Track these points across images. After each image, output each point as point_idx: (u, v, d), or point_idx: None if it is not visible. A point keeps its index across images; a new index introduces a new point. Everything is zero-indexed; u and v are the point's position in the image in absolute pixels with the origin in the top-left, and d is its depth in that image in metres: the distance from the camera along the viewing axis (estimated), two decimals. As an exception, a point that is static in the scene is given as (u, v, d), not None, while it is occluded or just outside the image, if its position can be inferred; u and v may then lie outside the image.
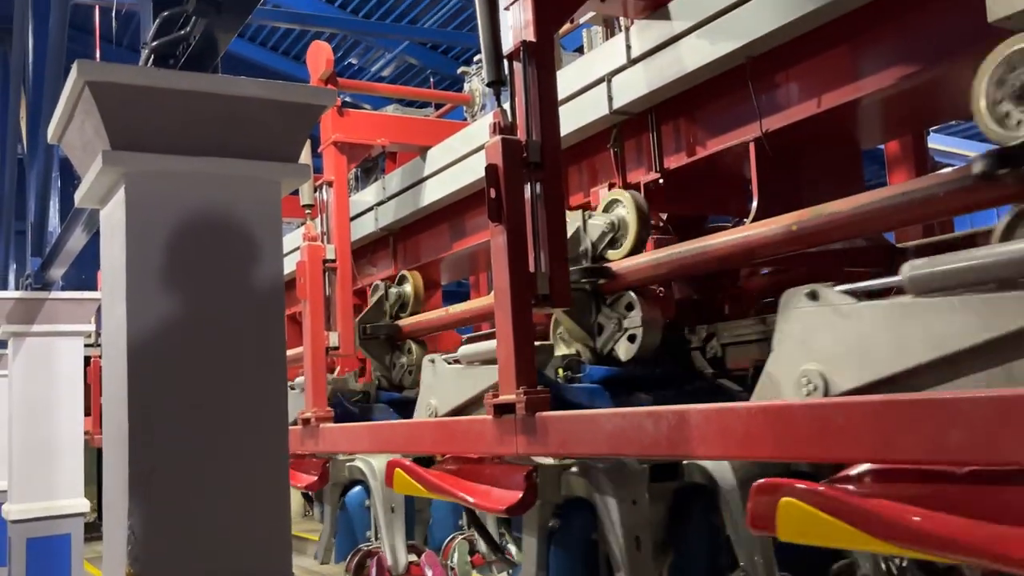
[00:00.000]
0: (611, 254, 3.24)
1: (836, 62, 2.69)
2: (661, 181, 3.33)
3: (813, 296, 2.15)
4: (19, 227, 8.13)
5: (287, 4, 15.19)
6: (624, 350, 3.16)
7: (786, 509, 1.94)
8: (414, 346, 5.03)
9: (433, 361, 3.82)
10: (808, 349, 2.13)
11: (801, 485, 1.96)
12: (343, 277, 4.91)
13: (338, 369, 5.51)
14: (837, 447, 1.84)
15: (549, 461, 3.22)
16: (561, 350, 3.36)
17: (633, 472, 3.05)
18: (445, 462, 3.57)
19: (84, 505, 7.05)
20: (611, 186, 3.52)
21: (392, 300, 5.11)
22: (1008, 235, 2.02)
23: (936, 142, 9.71)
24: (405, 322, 5.02)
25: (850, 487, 1.89)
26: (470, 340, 3.97)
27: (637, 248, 3.19)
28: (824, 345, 2.10)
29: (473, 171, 4.25)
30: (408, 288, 5.06)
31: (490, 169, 2.87)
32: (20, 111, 7.95)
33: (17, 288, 7.51)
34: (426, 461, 3.75)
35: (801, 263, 3.08)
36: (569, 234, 3.12)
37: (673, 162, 3.29)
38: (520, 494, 3.01)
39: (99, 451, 12.03)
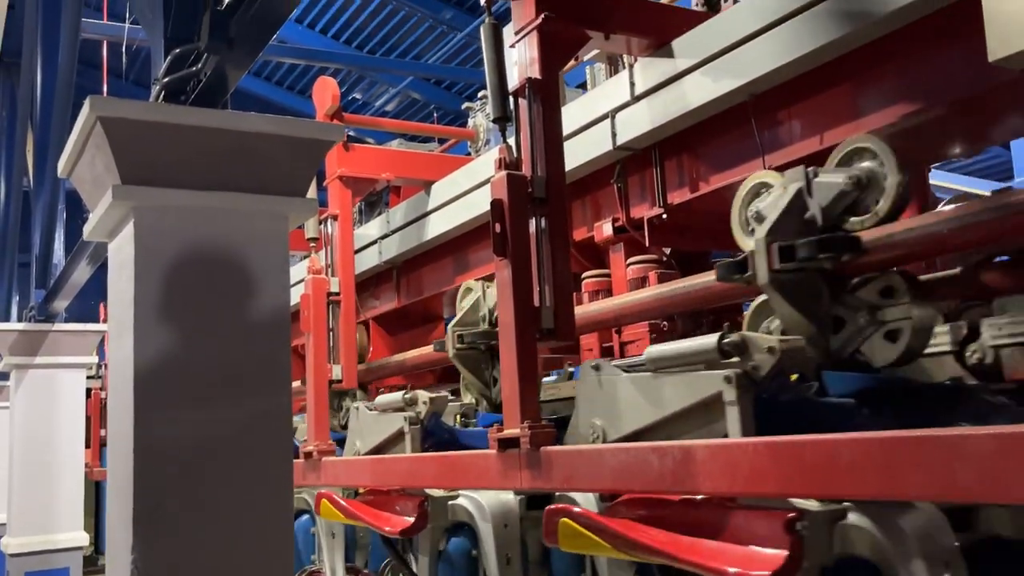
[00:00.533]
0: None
1: (838, 100, 2.72)
2: (665, 216, 3.35)
3: (596, 368, 2.73)
4: (23, 259, 8.17)
5: (293, 40, 15.39)
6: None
7: (563, 527, 2.64)
8: (363, 391, 5.13)
9: (357, 408, 4.31)
10: (594, 406, 2.71)
11: (576, 509, 2.69)
12: (347, 310, 4.92)
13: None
14: (845, 483, 1.84)
15: (439, 493, 3.74)
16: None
17: (506, 501, 3.54)
18: (365, 494, 4.22)
19: (83, 539, 7.02)
20: (615, 221, 3.54)
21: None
22: (750, 324, 2.69)
23: (937, 179, 9.76)
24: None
25: (616, 510, 2.59)
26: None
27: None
28: (602, 404, 2.69)
29: (477, 205, 4.28)
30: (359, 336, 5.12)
31: (495, 204, 2.89)
32: (27, 144, 8.01)
33: (20, 320, 7.53)
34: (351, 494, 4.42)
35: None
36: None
37: (677, 197, 3.32)
38: (413, 520, 3.62)
39: (97, 484, 11.98)
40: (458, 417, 3.99)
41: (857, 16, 2.50)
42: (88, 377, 8.92)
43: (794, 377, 2.43)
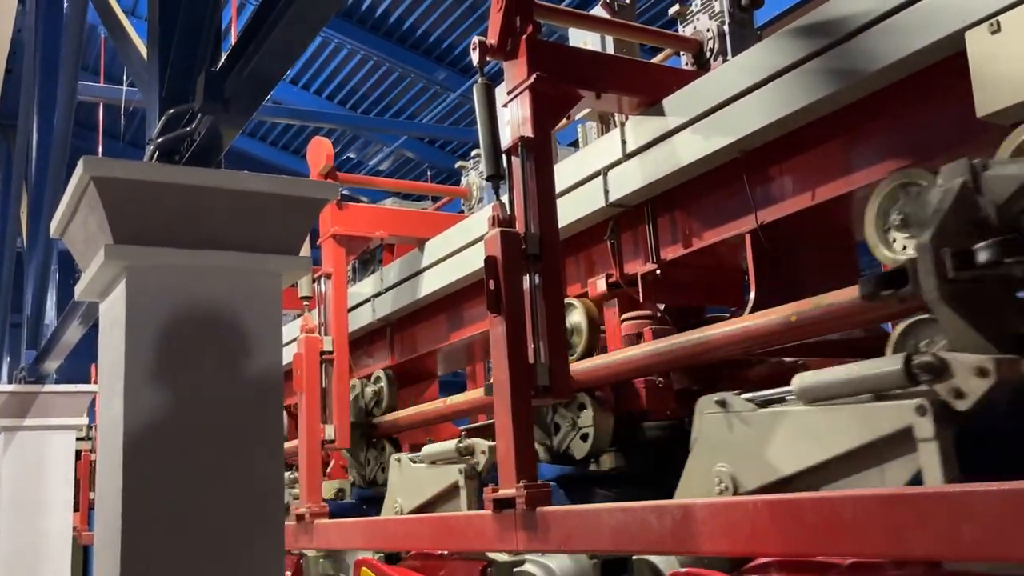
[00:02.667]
0: None
1: (829, 156, 2.74)
2: (659, 272, 3.35)
3: (722, 403, 2.34)
4: (15, 320, 8.13)
5: (288, 101, 15.57)
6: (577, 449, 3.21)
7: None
8: (387, 444, 5.02)
9: (399, 460, 3.88)
10: (718, 451, 2.33)
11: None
12: (340, 369, 4.89)
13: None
14: (846, 541, 1.80)
15: (503, 557, 3.32)
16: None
17: (583, 570, 3.12)
18: (409, 559, 3.76)
19: (70, 605, 6.86)
20: (609, 277, 3.54)
21: (368, 397, 5.09)
22: (899, 348, 2.22)
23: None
24: (379, 420, 5.03)
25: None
26: (468, 432, 3.97)
27: (588, 352, 3.32)
28: (731, 447, 2.30)
29: (470, 263, 4.28)
30: (383, 386, 5.06)
31: (489, 261, 2.89)
32: (21, 205, 8.04)
33: (11, 381, 7.46)
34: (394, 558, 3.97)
35: (798, 353, 3.08)
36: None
37: (670, 253, 3.32)
38: None
39: (86, 548, 11.75)
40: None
41: (846, 73, 2.53)
42: (78, 439, 8.82)
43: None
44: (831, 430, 2.06)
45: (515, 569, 3.29)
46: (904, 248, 2.14)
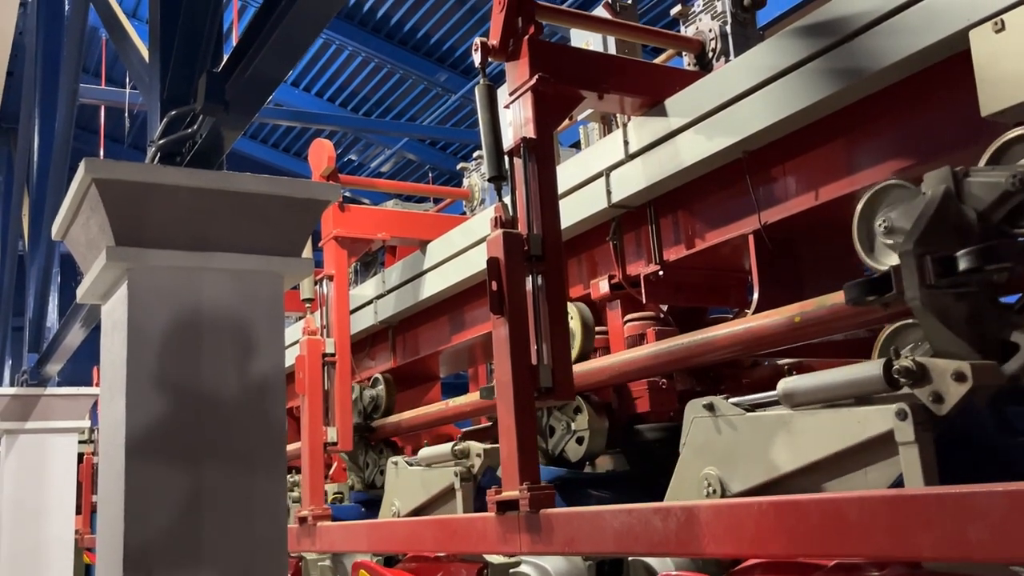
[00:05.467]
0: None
1: (832, 156, 2.73)
2: (661, 273, 3.34)
3: (710, 407, 2.38)
4: (16, 323, 8.13)
5: (289, 103, 15.56)
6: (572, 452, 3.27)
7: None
8: (385, 448, 5.04)
9: (396, 463, 3.92)
10: (707, 454, 2.36)
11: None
12: (342, 371, 4.88)
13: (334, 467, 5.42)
14: (852, 543, 1.79)
15: (499, 559, 3.30)
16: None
17: (578, 570, 3.10)
18: (407, 561, 3.81)
19: (72, 609, 6.85)
20: (611, 278, 3.53)
21: (366, 401, 5.09)
22: (884, 352, 2.18)
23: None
24: (378, 423, 5.03)
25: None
26: (467, 434, 3.99)
27: (583, 356, 3.39)
28: (719, 450, 2.34)
29: (473, 264, 4.28)
30: (382, 389, 5.07)
31: (492, 262, 2.88)
32: (23, 208, 8.04)
33: (13, 384, 7.46)
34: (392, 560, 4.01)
35: (803, 354, 3.07)
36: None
37: (673, 254, 3.31)
38: None
39: (88, 551, 11.75)
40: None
41: (849, 73, 2.52)
42: (80, 442, 8.82)
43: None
44: (816, 434, 2.08)
45: (511, 570, 3.28)
46: (889, 254, 2.16)
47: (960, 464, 1.90)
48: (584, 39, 3.87)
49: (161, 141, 2.44)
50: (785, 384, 2.19)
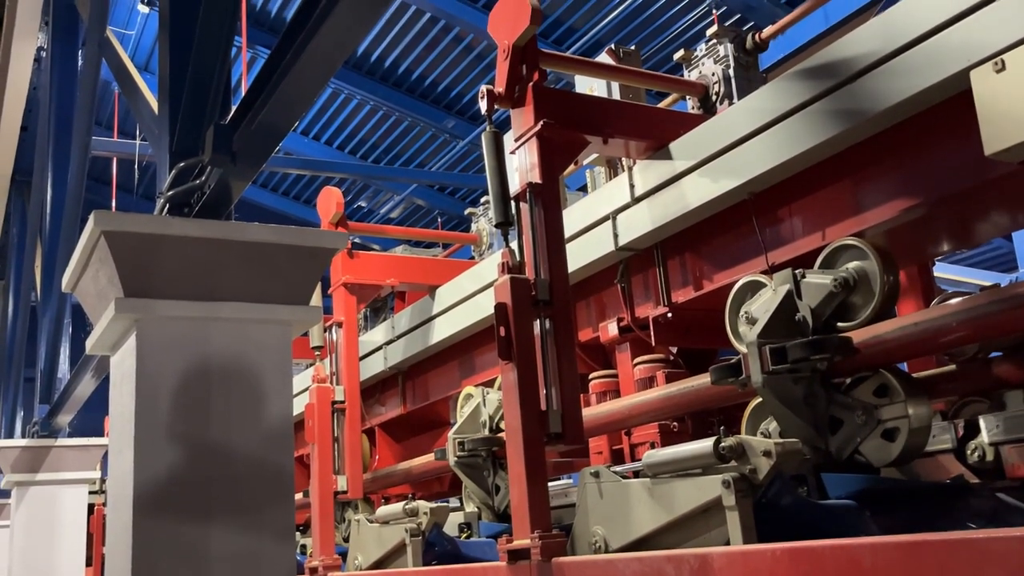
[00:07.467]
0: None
1: (838, 196, 2.73)
2: (670, 315, 3.33)
3: (596, 475, 2.68)
4: (28, 374, 8.15)
5: (299, 151, 15.72)
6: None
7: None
8: (360, 503, 5.00)
9: (359, 521, 4.21)
10: (593, 514, 2.65)
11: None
12: (352, 419, 4.86)
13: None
14: (868, 589, 1.76)
15: None
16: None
17: None
18: None
19: (81, 666, 6.77)
20: (620, 320, 3.52)
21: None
22: (748, 425, 2.75)
23: (942, 271, 9.78)
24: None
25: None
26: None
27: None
28: (602, 512, 2.63)
29: (482, 308, 4.28)
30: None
31: (499, 308, 2.88)
32: (35, 260, 8.10)
33: (24, 436, 7.45)
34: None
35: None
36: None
37: (681, 296, 3.31)
38: None
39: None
40: (460, 527, 3.93)
41: (852, 114, 2.53)
42: (91, 492, 8.79)
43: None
44: (669, 499, 2.37)
45: None
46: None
47: (775, 524, 2.15)
48: (588, 85, 3.91)
49: (170, 192, 2.47)
50: (648, 456, 2.50)
